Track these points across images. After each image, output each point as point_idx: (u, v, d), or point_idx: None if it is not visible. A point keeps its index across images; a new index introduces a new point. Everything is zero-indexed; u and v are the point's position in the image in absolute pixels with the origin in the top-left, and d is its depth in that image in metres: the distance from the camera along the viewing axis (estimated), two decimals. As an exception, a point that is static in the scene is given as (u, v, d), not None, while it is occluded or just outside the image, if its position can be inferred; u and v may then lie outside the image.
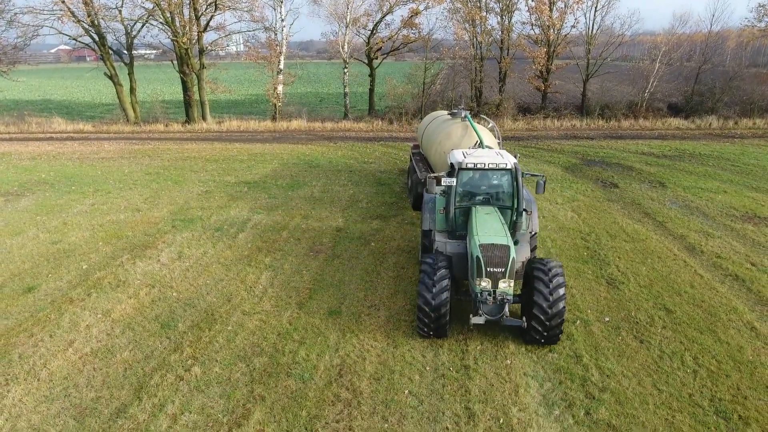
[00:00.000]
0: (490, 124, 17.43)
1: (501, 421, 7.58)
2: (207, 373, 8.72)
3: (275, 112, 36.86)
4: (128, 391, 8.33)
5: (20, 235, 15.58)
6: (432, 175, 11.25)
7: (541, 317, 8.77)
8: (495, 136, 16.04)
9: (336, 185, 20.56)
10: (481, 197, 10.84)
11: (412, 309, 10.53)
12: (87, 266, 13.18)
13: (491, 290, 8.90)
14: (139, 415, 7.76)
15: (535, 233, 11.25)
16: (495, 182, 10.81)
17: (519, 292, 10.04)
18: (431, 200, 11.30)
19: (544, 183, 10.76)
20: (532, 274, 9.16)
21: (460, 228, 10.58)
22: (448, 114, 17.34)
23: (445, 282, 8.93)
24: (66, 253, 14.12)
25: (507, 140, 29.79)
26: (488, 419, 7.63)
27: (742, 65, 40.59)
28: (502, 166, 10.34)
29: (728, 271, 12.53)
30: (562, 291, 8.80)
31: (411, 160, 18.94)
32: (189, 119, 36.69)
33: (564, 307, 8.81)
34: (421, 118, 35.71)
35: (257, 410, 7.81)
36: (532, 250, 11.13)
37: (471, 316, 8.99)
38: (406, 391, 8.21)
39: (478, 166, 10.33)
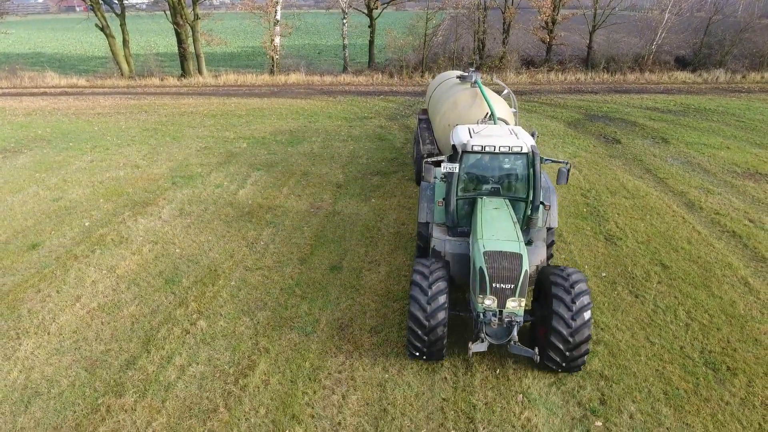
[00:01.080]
0: (505, 91, 14.85)
1: (497, 371, 7.86)
2: (212, 327, 8.97)
3: (273, 66, 36.00)
4: (136, 343, 8.59)
5: (20, 192, 15.58)
6: (429, 159, 9.31)
7: (560, 346, 7.07)
8: (511, 106, 14.08)
9: (336, 141, 20.37)
10: (489, 186, 8.99)
11: (412, 265, 10.49)
12: (89, 223, 13.27)
13: (497, 310, 7.21)
14: (148, 366, 8.04)
15: (553, 229, 9.50)
16: (507, 168, 8.95)
17: (529, 306, 8.45)
18: (429, 186, 9.55)
19: (568, 171, 8.74)
20: (549, 289, 7.35)
21: (462, 222, 8.98)
22: (457, 77, 14.74)
23: (443, 298, 7.27)
24: (67, 210, 14.17)
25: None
26: (485, 370, 7.91)
27: (754, 16, 39.13)
28: (516, 149, 8.36)
29: (726, 227, 12.62)
30: (588, 314, 7.00)
31: (417, 126, 16.73)
32: (185, 73, 35.87)
33: (590, 334, 7.03)
34: (423, 72, 35.00)
35: (262, 361, 8.08)
36: (549, 255, 9.55)
37: (470, 343, 7.28)
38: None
39: (487, 148, 8.40)
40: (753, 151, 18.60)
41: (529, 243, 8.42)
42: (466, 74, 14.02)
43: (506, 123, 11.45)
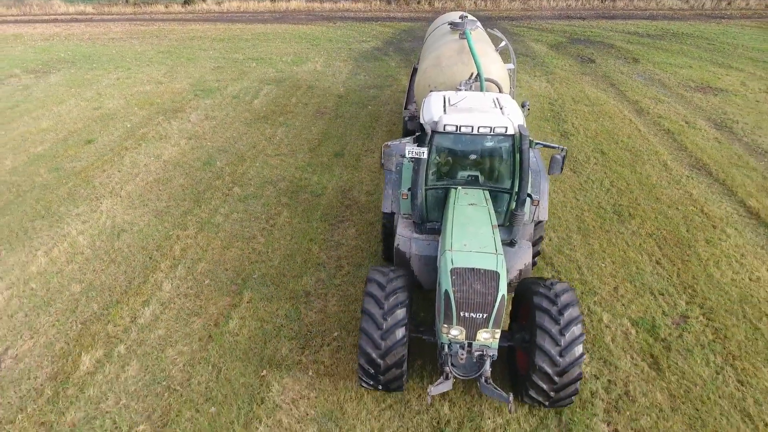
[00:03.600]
0: (502, 44, 12.15)
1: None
2: (245, 191, 11.72)
3: (274, -8, 36.94)
4: (189, 202, 11.38)
5: (63, 103, 17.95)
6: (389, 142, 7.35)
7: (548, 369, 5.73)
8: (508, 61, 11.81)
9: (337, 61, 22.40)
10: (465, 174, 7.35)
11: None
12: (131, 125, 15.77)
13: (465, 342, 5.92)
14: (201, 214, 10.86)
15: (543, 223, 7.95)
16: (488, 149, 7.17)
17: (506, 328, 6.92)
18: (398, 165, 7.60)
19: (563, 159, 6.79)
20: (531, 301, 6.05)
21: (433, 216, 7.43)
22: (449, 24, 11.76)
23: (401, 315, 5.92)
24: (109, 116, 16.62)
25: (501, 20, 30.74)
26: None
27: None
28: (499, 129, 6.70)
29: (664, 127, 15.11)
30: (578, 330, 5.76)
31: (410, 81, 14.05)
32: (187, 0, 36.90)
33: (583, 353, 5.78)
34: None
35: (285, 211, 10.89)
36: (535, 253, 8.28)
37: (430, 387, 5.89)
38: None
39: (463, 128, 6.71)
40: (712, 69, 20.71)
41: (511, 244, 7.12)
42: (460, 21, 11.11)
43: (497, 84, 10.02)
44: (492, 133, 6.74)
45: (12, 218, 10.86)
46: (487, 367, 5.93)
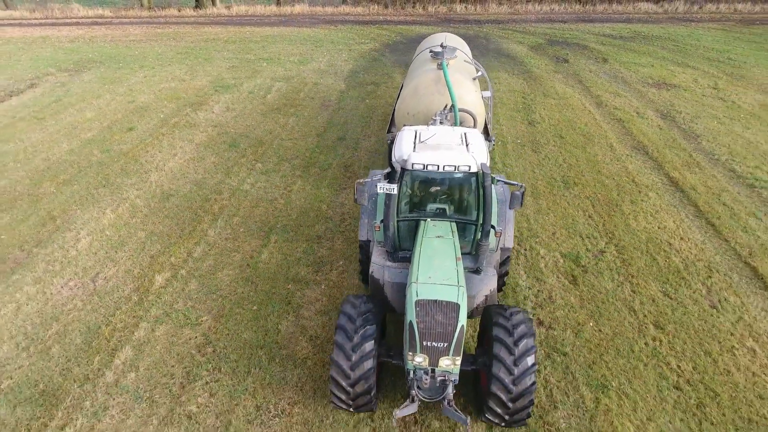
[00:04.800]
0: (478, 73, 12.54)
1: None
2: (265, 166, 14.41)
3: (279, -3, 39.67)
4: (221, 174, 14.06)
5: (100, 98, 20.63)
6: (361, 180, 7.57)
7: (501, 396, 6.37)
8: (485, 89, 12.45)
9: (338, 61, 25.10)
10: (434, 207, 7.93)
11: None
12: (163, 116, 18.45)
13: (428, 368, 6.52)
14: (232, 183, 13.54)
15: (509, 249, 8.58)
16: (455, 184, 7.85)
17: (473, 350, 7.80)
18: (373, 196, 8.19)
19: (523, 195, 7.42)
20: (490, 330, 6.72)
21: (406, 245, 7.98)
22: (430, 52, 11.75)
23: (369, 346, 6.56)
24: (143, 108, 19.30)
25: (488, 23, 33.45)
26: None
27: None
28: (463, 168, 7.21)
29: (617, 116, 17.81)
30: (531, 360, 6.36)
31: (394, 104, 12.97)
32: (199, 4, 39.58)
33: (534, 383, 6.37)
34: (414, 4, 38.69)
35: (299, 180, 13.58)
36: (502, 283, 9.03)
37: (396, 410, 6.56)
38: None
39: (430, 167, 7.21)
40: (671, 68, 23.41)
41: (477, 271, 7.62)
42: (440, 50, 11.26)
43: (471, 115, 10.57)
44: (456, 171, 7.22)
45: (79, 187, 13.55)
46: (449, 390, 6.50)
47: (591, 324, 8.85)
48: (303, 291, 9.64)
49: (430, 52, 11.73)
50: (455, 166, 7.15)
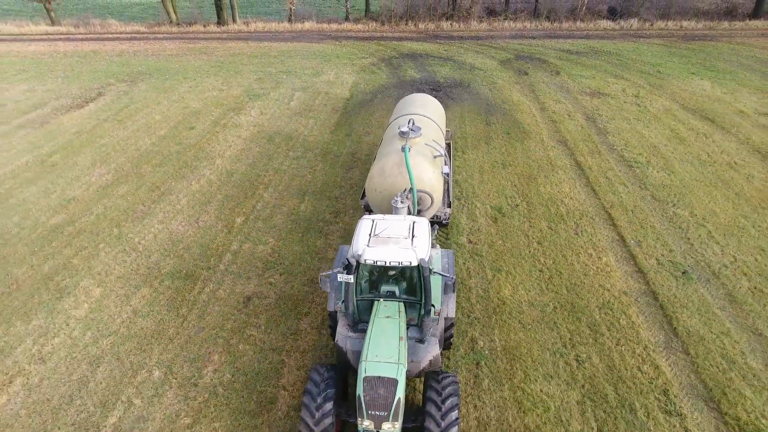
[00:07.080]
0: (438, 153, 13.56)
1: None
2: (295, 154, 20.50)
3: (290, 15, 45.79)
4: (264, 159, 20.13)
5: (160, 104, 26.73)
6: (324, 273, 8.88)
7: None
8: (445, 167, 13.66)
9: (344, 74, 31.24)
10: (386, 289, 9.49)
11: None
12: (214, 118, 24.56)
13: (374, 431, 8.01)
14: (273, 165, 19.63)
15: (452, 319, 10.07)
16: (401, 272, 9.58)
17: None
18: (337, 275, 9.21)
19: (454, 284, 8.85)
20: (425, 391, 8.37)
21: (365, 317, 9.50)
22: (399, 131, 13.49)
23: (329, 408, 8.10)
24: (196, 112, 25.40)
25: (469, 40, 39.56)
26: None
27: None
28: (405, 263, 8.65)
29: (553, 119, 23.91)
30: (455, 414, 7.92)
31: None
32: (220, 21, 45.67)
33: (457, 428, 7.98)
34: (407, 21, 44.78)
35: (320, 163, 19.68)
36: (448, 344, 10.70)
37: None
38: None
39: (378, 263, 8.68)
40: (608, 80, 29.53)
41: (422, 341, 9.04)
42: (406, 130, 13.03)
43: (429, 195, 12.59)
44: (400, 266, 8.69)
45: (168, 168, 19.63)
46: None
47: (499, 242, 14.97)
48: (328, 227, 15.73)
49: (399, 131, 13.49)
50: (399, 262, 8.64)
